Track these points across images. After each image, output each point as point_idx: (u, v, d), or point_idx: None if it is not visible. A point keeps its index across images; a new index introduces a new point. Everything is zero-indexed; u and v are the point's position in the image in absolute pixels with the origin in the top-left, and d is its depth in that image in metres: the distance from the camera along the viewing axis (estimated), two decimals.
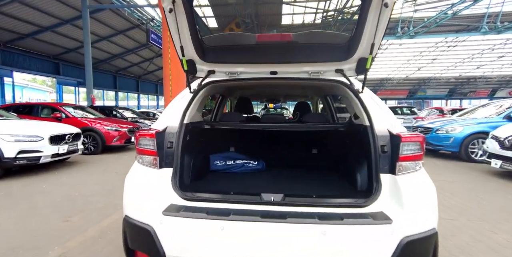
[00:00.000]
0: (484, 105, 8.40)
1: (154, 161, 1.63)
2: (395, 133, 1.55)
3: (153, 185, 1.57)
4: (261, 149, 2.83)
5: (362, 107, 1.73)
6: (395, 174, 1.51)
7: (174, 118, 1.77)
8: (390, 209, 1.42)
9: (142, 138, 1.65)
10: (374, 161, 1.55)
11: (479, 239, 2.67)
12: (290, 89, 3.72)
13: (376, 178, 1.52)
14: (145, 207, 1.50)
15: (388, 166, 1.53)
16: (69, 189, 4.33)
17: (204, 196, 1.56)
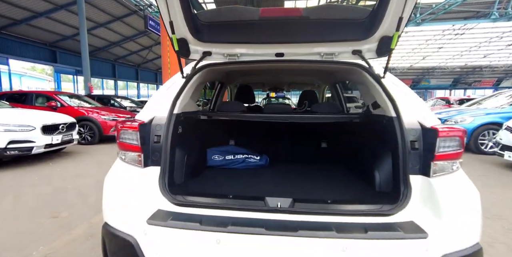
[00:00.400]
0: (494, 95, 8.08)
1: (138, 159, 1.39)
2: (429, 126, 1.30)
3: (136, 187, 1.34)
4: (264, 142, 2.57)
5: (386, 95, 1.46)
6: (429, 175, 1.26)
7: (163, 107, 1.52)
8: (422, 219, 1.18)
9: (124, 131, 1.40)
10: (401, 159, 1.31)
11: (499, 240, 2.46)
12: (297, 75, 3.42)
13: (405, 180, 1.28)
14: (127, 214, 1.27)
15: (419, 166, 1.29)
16: (61, 181, 4.13)
17: (198, 201, 1.32)
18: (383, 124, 1.57)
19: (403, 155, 1.30)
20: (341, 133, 2.41)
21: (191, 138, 1.93)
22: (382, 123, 1.62)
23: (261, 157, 2.31)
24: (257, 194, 1.40)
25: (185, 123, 1.75)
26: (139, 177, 1.37)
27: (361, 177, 1.95)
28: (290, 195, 1.35)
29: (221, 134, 2.60)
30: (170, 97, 1.54)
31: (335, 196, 1.59)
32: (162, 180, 1.34)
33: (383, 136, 1.61)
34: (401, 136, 1.33)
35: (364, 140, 2.03)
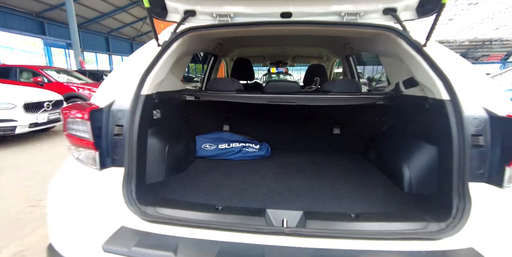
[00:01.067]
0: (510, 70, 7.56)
1: (92, 157, 1.03)
2: (503, 115, 0.93)
3: (91, 195, 1.00)
4: (265, 127, 2.17)
5: (433, 69, 1.07)
6: (501, 185, 0.92)
7: (128, 86, 1.13)
8: (488, 247, 0.86)
9: (71, 120, 1.03)
10: (457, 160, 0.96)
11: None
12: (304, 46, 2.94)
13: (461, 189, 0.94)
14: (77, 235, 0.94)
15: (485, 170, 0.94)
16: (46, 163, 3.85)
17: (176, 216, 0.99)
18: (424, 109, 1.20)
19: (459, 154, 0.95)
20: (360, 117, 2.01)
21: (175, 124, 1.57)
22: (421, 107, 1.24)
23: (261, 145, 1.95)
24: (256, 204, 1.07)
25: (165, 105, 1.38)
26: (94, 182, 1.03)
27: (385, 172, 1.61)
28: (299, 204, 1.02)
29: (213, 118, 2.18)
30: (137, 71, 1.15)
31: (359, 204, 1.24)
32: (127, 186, 1.01)
33: (421, 126, 1.25)
34: (458, 127, 0.97)
35: (390, 129, 1.66)
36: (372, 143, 1.87)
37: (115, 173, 1.04)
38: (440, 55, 1.14)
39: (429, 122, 1.19)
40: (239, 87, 1.82)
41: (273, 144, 2.04)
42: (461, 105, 0.98)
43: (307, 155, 1.99)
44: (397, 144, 1.53)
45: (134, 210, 0.96)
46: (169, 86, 1.46)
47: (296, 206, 1.09)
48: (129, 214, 0.97)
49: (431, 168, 1.21)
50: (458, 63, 1.13)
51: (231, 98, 1.76)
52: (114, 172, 1.04)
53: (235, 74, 2.83)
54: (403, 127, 1.54)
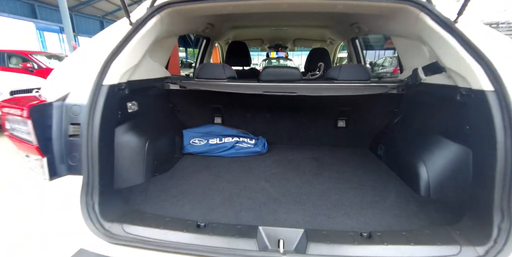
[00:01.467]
0: None
1: (38, 165, 0.84)
2: None
3: (42, 211, 0.82)
4: (261, 120, 1.93)
5: (469, 51, 0.85)
6: None
7: (86, 71, 0.92)
8: None
9: (10, 118, 0.83)
10: (502, 166, 0.76)
11: None
12: (305, 28, 2.66)
13: (508, 204, 0.75)
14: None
15: None
16: None
17: (147, 238, 0.80)
18: (453, 101, 0.99)
19: (505, 160, 0.76)
20: (368, 107, 1.78)
21: (157, 117, 1.37)
22: (448, 98, 1.03)
23: (256, 140, 1.75)
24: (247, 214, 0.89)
25: (143, 96, 1.17)
26: (45, 194, 0.84)
27: (396, 171, 1.43)
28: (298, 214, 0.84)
29: (203, 110, 1.93)
30: (101, 56, 0.93)
31: (370, 215, 1.06)
32: (86, 198, 0.82)
33: (448, 119, 1.05)
34: (505, 126, 0.77)
35: (403, 121, 1.46)
36: (382, 136, 1.66)
37: (72, 183, 0.85)
38: (477, 34, 0.92)
39: (459, 117, 0.99)
40: (231, 74, 1.59)
41: (270, 138, 1.84)
42: (510, 98, 0.78)
43: (308, 151, 1.80)
44: (412, 139, 1.33)
45: (95, 229, 0.78)
46: (147, 74, 1.25)
47: (296, 218, 0.91)
48: (89, 233, 0.79)
49: (458, 170, 1.02)
50: (503, 44, 0.91)
51: (221, 87, 1.52)
52: (71, 181, 0.85)
53: (230, 59, 2.57)
54: (420, 120, 1.33)
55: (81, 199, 0.82)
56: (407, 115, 1.50)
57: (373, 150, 1.76)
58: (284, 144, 1.90)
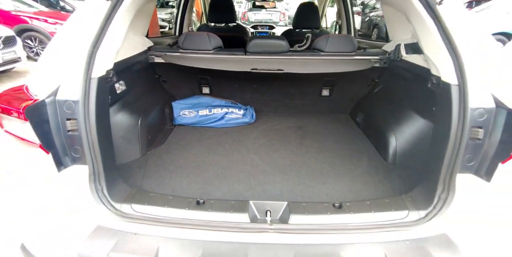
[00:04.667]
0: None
1: None
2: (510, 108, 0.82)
3: (58, 195, 0.90)
4: (249, 89, 1.96)
5: (445, 39, 0.88)
6: (489, 180, 0.88)
7: (72, 64, 0.89)
8: (460, 233, 0.89)
9: (5, 116, 0.83)
10: (451, 151, 0.90)
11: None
12: None
13: (448, 181, 0.91)
14: (50, 238, 0.88)
15: (476, 163, 0.89)
16: None
17: (154, 214, 0.93)
18: (425, 85, 1.05)
19: (454, 146, 0.89)
20: (352, 76, 1.78)
21: (145, 91, 1.37)
22: (422, 80, 1.10)
23: (245, 111, 1.80)
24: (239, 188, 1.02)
25: (129, 73, 1.15)
26: (58, 183, 0.91)
27: (370, 138, 1.58)
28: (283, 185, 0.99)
29: (191, 80, 1.90)
30: (82, 44, 0.88)
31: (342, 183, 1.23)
32: (95, 184, 0.91)
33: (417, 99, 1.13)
34: (460, 119, 0.87)
35: (382, 92, 1.54)
36: (362, 104, 1.77)
37: (79, 171, 0.92)
38: (458, 20, 0.94)
39: (428, 98, 1.08)
40: (217, 44, 1.54)
41: (258, 107, 1.90)
42: (468, 94, 0.86)
43: (293, 119, 1.90)
44: (387, 110, 1.45)
45: (107, 210, 0.90)
46: (130, 51, 1.20)
47: (280, 189, 1.07)
48: (103, 214, 0.91)
49: (420, 143, 1.17)
50: (477, 35, 0.94)
51: (207, 62, 1.51)
52: (77, 170, 0.92)
53: (213, 14, 2.39)
54: (397, 93, 1.42)
55: (90, 185, 0.90)
56: (386, 86, 1.58)
57: (352, 116, 1.88)
58: (271, 112, 1.98)
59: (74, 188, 0.89)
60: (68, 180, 0.89)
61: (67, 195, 0.91)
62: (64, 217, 0.89)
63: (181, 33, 2.30)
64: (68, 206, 0.91)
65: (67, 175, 0.88)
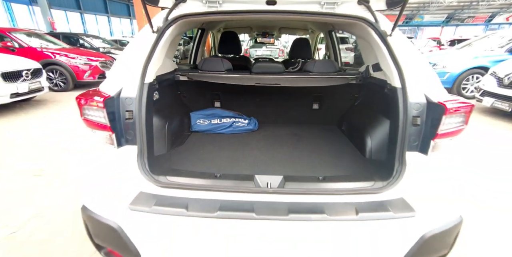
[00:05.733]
0: (486, 36, 7.79)
1: (109, 139, 1.23)
2: (436, 101, 1.18)
3: (114, 168, 1.22)
4: (252, 103, 2.37)
5: (392, 59, 1.28)
6: (426, 153, 1.21)
7: (132, 74, 1.28)
8: (412, 196, 1.18)
9: (87, 107, 1.19)
10: (400, 135, 1.23)
11: None
12: (289, 21, 3.02)
13: (401, 157, 1.23)
14: (106, 199, 1.19)
15: (418, 143, 1.22)
16: (38, 134, 3.94)
17: (183, 182, 1.24)
18: (384, 93, 1.44)
19: (402, 131, 1.22)
20: (335, 93, 2.24)
21: (171, 102, 1.74)
22: (382, 90, 1.48)
23: (249, 120, 2.17)
24: (246, 171, 1.33)
25: (162, 87, 1.53)
26: (115, 158, 1.25)
27: (353, 141, 1.91)
28: (280, 170, 1.29)
29: (205, 96, 2.35)
30: (139, 61, 1.28)
31: (327, 170, 1.55)
32: (141, 160, 1.23)
33: (381, 104, 1.50)
34: (404, 111, 1.22)
35: (360, 104, 1.92)
36: (346, 116, 2.14)
37: (130, 150, 1.25)
38: (400, 45, 1.34)
39: (387, 102, 1.44)
40: (228, 66, 1.97)
41: (260, 119, 2.27)
42: (408, 93, 1.22)
43: (290, 128, 2.26)
44: (364, 117, 1.80)
45: (148, 179, 1.20)
46: (164, 69, 1.59)
47: (278, 172, 1.36)
48: (145, 182, 1.20)
49: (386, 138, 1.50)
50: (412, 54, 1.33)
51: (221, 78, 1.92)
52: (129, 149, 1.25)
53: (222, 47, 2.91)
54: (370, 103, 1.79)
55: (137, 161, 1.22)
56: (363, 99, 1.95)
57: (339, 126, 2.24)
58: (271, 122, 2.35)
59: (126, 162, 1.21)
60: (121, 156, 1.22)
61: (120, 167, 1.23)
62: (117, 184, 1.20)
63: (195, 62, 2.80)
64: (120, 175, 1.22)
65: (122, 152, 1.21)
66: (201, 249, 1.12)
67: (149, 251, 1.15)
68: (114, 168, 1.22)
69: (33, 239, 1.93)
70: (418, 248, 1.11)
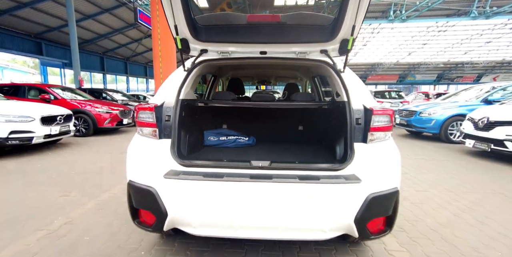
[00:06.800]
0: (466, 89, 8.73)
1: (153, 133, 1.79)
2: (368, 107, 1.75)
3: (154, 153, 1.74)
4: (252, 126, 2.97)
5: (342, 85, 1.90)
6: (367, 142, 1.72)
7: (170, 94, 1.90)
8: (361, 172, 1.64)
9: (142, 112, 1.79)
10: (349, 132, 1.76)
11: (444, 206, 2.99)
12: (280, 70, 3.86)
13: (351, 146, 1.73)
14: (147, 172, 1.67)
15: (361, 136, 1.74)
16: (64, 167, 4.44)
17: (200, 163, 1.74)
18: (341, 108, 2.02)
19: (350, 129, 1.75)
20: (314, 117, 2.85)
21: (191, 121, 2.32)
22: (340, 107, 2.06)
23: (249, 138, 2.71)
24: (245, 159, 1.82)
25: (187, 108, 2.14)
26: (155, 146, 1.77)
27: (326, 149, 2.42)
28: (269, 159, 1.78)
29: (216, 119, 2.98)
30: (175, 86, 1.93)
31: (303, 160, 2.04)
32: (172, 148, 1.75)
33: (341, 117, 2.05)
34: (350, 115, 1.78)
35: (330, 122, 2.49)
36: (324, 133, 2.69)
37: (166, 142, 1.78)
38: (349, 78, 1.97)
39: (343, 115, 1.99)
40: (234, 97, 2.63)
41: (257, 137, 2.82)
42: (352, 105, 1.79)
43: (281, 144, 2.77)
44: (333, 131, 2.34)
45: (177, 161, 1.69)
46: (189, 96, 2.22)
47: (267, 158, 1.82)
48: (174, 163, 1.70)
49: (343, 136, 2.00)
50: (355, 81, 1.96)
51: (228, 104, 2.57)
52: (165, 141, 1.78)
53: (230, 89, 3.67)
54: (336, 120, 2.34)
55: (170, 149, 1.72)
56: (335, 119, 2.52)
57: (319, 143, 2.76)
58: (266, 140, 2.86)
59: (163, 149, 1.75)
60: (160, 145, 1.76)
61: (159, 152, 1.75)
62: (156, 162, 1.70)
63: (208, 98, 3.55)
64: (158, 157, 1.73)
65: (160, 144, 1.76)
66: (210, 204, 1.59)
67: (174, 209, 1.58)
68: (154, 153, 1.74)
69: (65, 238, 2.28)
70: (366, 205, 1.53)
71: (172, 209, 1.58)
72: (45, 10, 15.32)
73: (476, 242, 2.28)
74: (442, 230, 2.48)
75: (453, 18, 20.09)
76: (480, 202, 3.14)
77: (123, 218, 2.63)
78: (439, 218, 2.72)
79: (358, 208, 1.54)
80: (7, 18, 14.72)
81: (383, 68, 37.77)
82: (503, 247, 2.21)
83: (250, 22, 2.00)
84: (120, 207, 2.89)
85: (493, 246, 2.22)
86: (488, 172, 4.39)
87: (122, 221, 2.57)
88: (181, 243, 2.20)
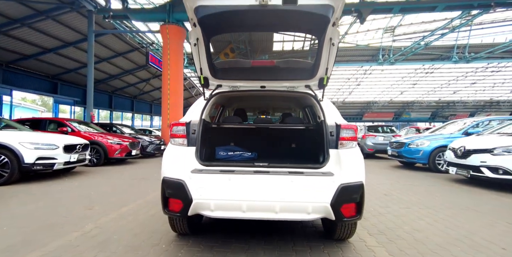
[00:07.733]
0: (451, 123, 9.47)
1: (183, 142, 2.40)
2: (338, 124, 2.38)
3: (184, 156, 2.33)
4: (254, 144, 3.59)
5: (321, 109, 2.57)
6: (338, 148, 2.32)
7: (195, 115, 2.56)
8: (334, 169, 2.22)
9: (175, 127, 2.43)
10: (325, 141, 2.36)
11: (422, 218, 3.43)
12: (277, 101, 4.62)
13: (327, 151, 2.33)
14: (179, 170, 2.23)
15: (334, 144, 2.35)
16: (83, 190, 4.90)
17: (216, 163, 2.33)
18: (320, 125, 2.65)
19: (326, 139, 2.36)
20: (303, 136, 3.48)
21: (206, 139, 2.94)
22: (319, 124, 2.70)
23: (252, 153, 3.29)
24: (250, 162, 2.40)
25: (205, 127, 2.77)
26: (185, 152, 2.36)
27: (311, 156, 3.00)
28: (267, 161, 2.36)
29: (225, 138, 3.62)
30: (198, 110, 2.60)
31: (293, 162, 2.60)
32: (196, 153, 2.34)
33: (321, 132, 2.67)
34: (325, 130, 2.39)
35: (315, 138, 3.10)
36: (313, 149, 3.27)
37: (192, 149, 2.36)
38: (326, 104, 2.65)
39: (322, 129, 2.60)
40: (240, 121, 3.30)
41: (259, 153, 3.39)
42: (327, 122, 2.42)
43: (278, 158, 3.32)
44: (317, 144, 2.93)
45: (200, 162, 2.27)
46: (206, 118, 2.88)
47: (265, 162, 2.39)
48: (198, 163, 2.27)
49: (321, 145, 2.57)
50: (330, 107, 2.62)
51: (236, 125, 3.24)
52: (192, 148, 2.36)
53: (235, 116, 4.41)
54: (318, 136, 2.95)
55: (195, 154, 2.30)
56: (317, 136, 3.13)
57: (309, 157, 3.32)
58: (266, 156, 3.43)
59: (190, 154, 2.33)
60: (188, 151, 2.36)
61: (187, 156, 2.33)
62: (185, 163, 2.27)
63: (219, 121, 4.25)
64: (187, 159, 2.30)
65: (188, 150, 2.36)
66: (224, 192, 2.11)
67: (197, 196, 2.10)
68: (184, 156, 2.32)
69: (98, 237, 2.72)
70: (339, 193, 2.05)
71: (196, 196, 2.11)
72: (66, 54, 16.96)
73: (442, 242, 2.70)
74: (416, 234, 2.90)
75: (437, 61, 21.96)
76: (454, 215, 3.58)
77: (144, 224, 3.07)
78: (415, 226, 3.15)
79: (333, 195, 2.07)
80: (31, 61, 16.25)
81: (378, 106, 39.43)
82: (463, 245, 2.63)
83: (253, 66, 2.76)
84: (140, 216, 3.33)
85: (455, 244, 2.65)
86: (467, 194, 4.84)
87: (143, 226, 3.01)
88: (195, 240, 2.64)
